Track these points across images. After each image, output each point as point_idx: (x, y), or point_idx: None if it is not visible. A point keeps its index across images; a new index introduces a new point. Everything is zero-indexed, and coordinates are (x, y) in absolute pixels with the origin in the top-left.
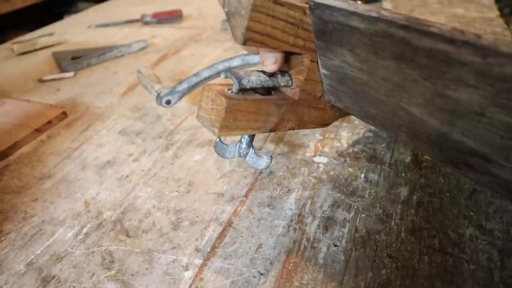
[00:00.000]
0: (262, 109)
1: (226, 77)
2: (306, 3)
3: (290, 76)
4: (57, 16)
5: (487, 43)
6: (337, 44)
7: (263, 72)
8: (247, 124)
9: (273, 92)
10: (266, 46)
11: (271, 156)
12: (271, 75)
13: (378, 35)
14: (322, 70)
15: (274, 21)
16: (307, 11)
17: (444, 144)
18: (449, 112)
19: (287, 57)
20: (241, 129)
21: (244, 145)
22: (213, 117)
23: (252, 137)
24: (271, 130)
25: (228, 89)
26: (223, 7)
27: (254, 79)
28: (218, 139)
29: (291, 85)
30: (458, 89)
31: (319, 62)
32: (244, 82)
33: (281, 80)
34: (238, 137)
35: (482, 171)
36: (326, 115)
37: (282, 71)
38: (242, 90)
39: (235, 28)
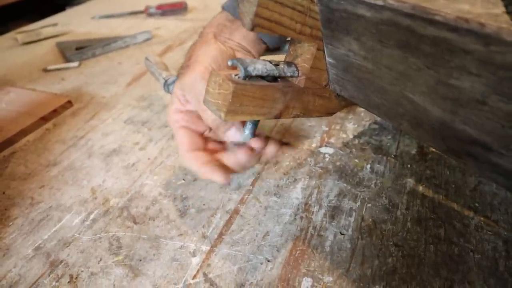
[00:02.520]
0: (268, 95)
1: (232, 64)
2: None
3: (296, 66)
4: (58, 7)
5: (490, 31)
6: (344, 33)
7: (269, 61)
8: (253, 109)
9: (279, 79)
10: (274, 32)
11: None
12: (277, 64)
13: (383, 23)
14: (328, 59)
15: (282, 8)
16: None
17: (446, 133)
18: (452, 100)
19: (294, 44)
20: (247, 114)
21: (247, 133)
22: (219, 102)
23: (255, 127)
24: (276, 117)
25: (235, 75)
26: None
27: (260, 67)
28: None
29: (297, 76)
30: (460, 78)
31: (325, 51)
32: (250, 69)
33: (288, 71)
34: None
35: (482, 160)
36: (331, 104)
37: (288, 62)
38: (248, 76)
39: (243, 14)
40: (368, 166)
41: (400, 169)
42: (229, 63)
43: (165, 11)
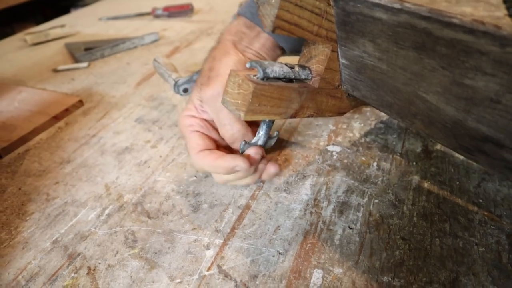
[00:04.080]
0: (284, 95)
1: (251, 66)
2: None
3: (310, 69)
4: (63, 9)
5: (506, 33)
6: (359, 35)
7: (285, 63)
8: (270, 109)
9: (294, 80)
10: (293, 34)
11: (277, 132)
12: (292, 67)
13: (400, 25)
14: (342, 60)
15: (301, 11)
16: (331, 2)
17: (458, 131)
18: (466, 99)
19: (309, 46)
20: (265, 114)
21: (261, 134)
22: (239, 101)
23: (269, 128)
24: (292, 116)
25: (254, 75)
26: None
27: (277, 69)
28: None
29: (311, 78)
30: (475, 77)
31: (339, 52)
32: (268, 71)
33: (302, 73)
34: None
35: (494, 156)
36: (343, 104)
37: (302, 65)
38: (266, 78)
39: (264, 17)
40: (375, 163)
41: (406, 166)
42: (248, 65)
43: (171, 12)
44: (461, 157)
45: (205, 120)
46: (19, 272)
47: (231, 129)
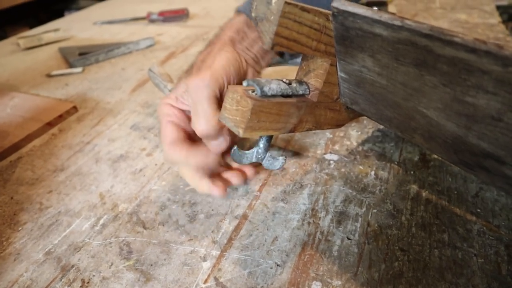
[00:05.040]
0: (283, 110)
1: (248, 85)
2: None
3: (307, 84)
4: (56, 13)
5: (508, 53)
6: (358, 50)
7: (282, 79)
8: (269, 125)
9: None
10: (291, 50)
11: (285, 157)
12: (290, 83)
13: (400, 42)
14: (340, 74)
15: (300, 27)
16: (330, 17)
17: (459, 147)
18: (467, 116)
19: (307, 60)
20: (264, 130)
21: (261, 150)
22: (238, 118)
23: (269, 143)
24: (291, 131)
25: (252, 91)
26: (251, 12)
27: (275, 87)
28: (235, 148)
29: (308, 94)
30: (477, 95)
31: (337, 66)
32: (266, 89)
33: (300, 89)
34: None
35: (495, 172)
36: (341, 116)
37: (299, 81)
38: (264, 96)
39: (263, 33)
40: (372, 172)
41: (404, 175)
42: (245, 84)
43: (166, 17)
44: None
45: (183, 111)
46: (10, 285)
47: (205, 124)
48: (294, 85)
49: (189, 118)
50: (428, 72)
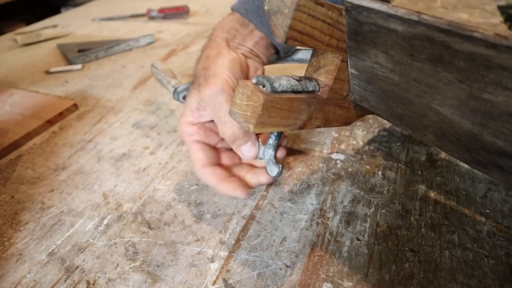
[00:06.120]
0: (294, 106)
1: (257, 81)
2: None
3: (317, 81)
4: (53, 8)
5: None
6: (371, 45)
7: (292, 76)
8: (279, 121)
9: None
10: (305, 45)
11: (282, 166)
12: (299, 79)
13: (416, 38)
14: (351, 70)
15: (313, 21)
16: (343, 12)
17: (473, 145)
18: (483, 113)
19: (317, 55)
20: (274, 126)
21: (270, 148)
22: (248, 113)
23: (278, 140)
24: (300, 128)
25: (263, 86)
26: (263, 5)
27: (285, 83)
28: None
29: (318, 90)
30: (495, 92)
31: (348, 62)
32: (276, 85)
33: (309, 85)
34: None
35: (510, 171)
36: (350, 114)
37: (308, 77)
38: (274, 92)
39: (276, 27)
40: (380, 172)
41: (411, 175)
42: (254, 80)
43: (166, 14)
44: (466, 166)
45: (204, 124)
46: (13, 287)
47: (232, 127)
48: (303, 81)
49: (210, 130)
50: (444, 68)
